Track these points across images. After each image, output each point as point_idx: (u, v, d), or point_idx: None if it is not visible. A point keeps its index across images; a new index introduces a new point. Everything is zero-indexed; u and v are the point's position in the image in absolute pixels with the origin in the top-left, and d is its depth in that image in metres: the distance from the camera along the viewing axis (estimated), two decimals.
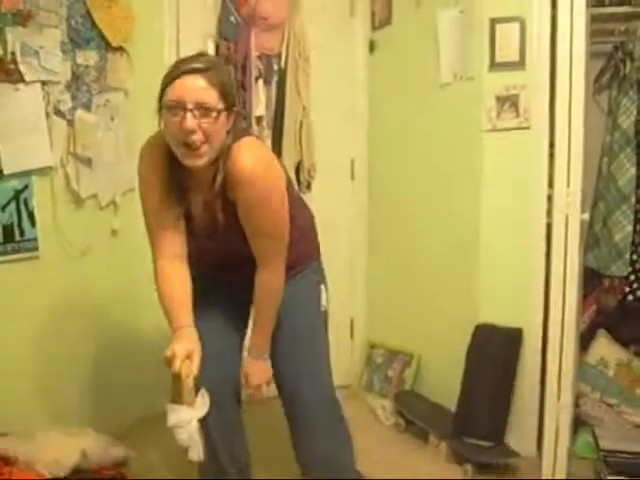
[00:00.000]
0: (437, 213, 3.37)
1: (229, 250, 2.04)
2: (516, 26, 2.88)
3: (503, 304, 3.04)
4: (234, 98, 1.86)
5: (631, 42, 3.32)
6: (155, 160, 1.91)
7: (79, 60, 2.95)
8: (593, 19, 3.02)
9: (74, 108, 2.92)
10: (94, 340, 3.14)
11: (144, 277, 3.28)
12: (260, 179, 1.87)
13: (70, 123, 2.91)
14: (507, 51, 2.90)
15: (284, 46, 3.53)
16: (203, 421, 1.84)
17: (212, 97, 1.76)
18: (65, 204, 2.95)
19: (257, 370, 2.13)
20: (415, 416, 3.31)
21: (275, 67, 3.54)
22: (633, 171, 3.23)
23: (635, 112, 3.24)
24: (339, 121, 3.84)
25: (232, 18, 3.38)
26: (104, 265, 3.17)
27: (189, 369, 1.79)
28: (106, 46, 3.08)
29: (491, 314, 3.04)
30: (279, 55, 3.54)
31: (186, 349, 1.81)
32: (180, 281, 1.97)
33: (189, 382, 1.78)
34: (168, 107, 1.75)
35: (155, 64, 3.27)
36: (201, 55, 1.87)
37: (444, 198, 3.31)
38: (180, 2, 3.39)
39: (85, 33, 2.97)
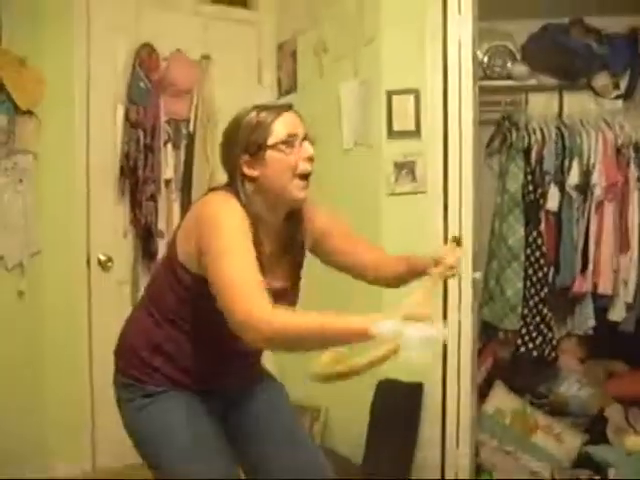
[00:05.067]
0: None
1: None
2: (411, 97, 3.08)
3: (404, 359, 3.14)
4: None
5: (516, 113, 3.62)
6: (241, 211, 1.71)
7: None
8: (481, 90, 3.28)
9: None
10: None
11: (50, 339, 3.31)
12: None
13: None
14: (404, 121, 3.08)
15: (193, 111, 3.63)
16: None
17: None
18: None
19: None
20: None
21: (184, 131, 3.63)
22: (522, 231, 3.48)
23: (522, 177, 3.50)
24: None
25: (142, 84, 3.46)
26: (9, 327, 3.15)
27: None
28: (15, 109, 3.11)
29: (393, 369, 3.15)
30: (188, 120, 3.64)
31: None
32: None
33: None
34: (284, 142, 1.72)
35: (65, 128, 3.34)
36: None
37: None
38: (91, 67, 3.45)
39: None
